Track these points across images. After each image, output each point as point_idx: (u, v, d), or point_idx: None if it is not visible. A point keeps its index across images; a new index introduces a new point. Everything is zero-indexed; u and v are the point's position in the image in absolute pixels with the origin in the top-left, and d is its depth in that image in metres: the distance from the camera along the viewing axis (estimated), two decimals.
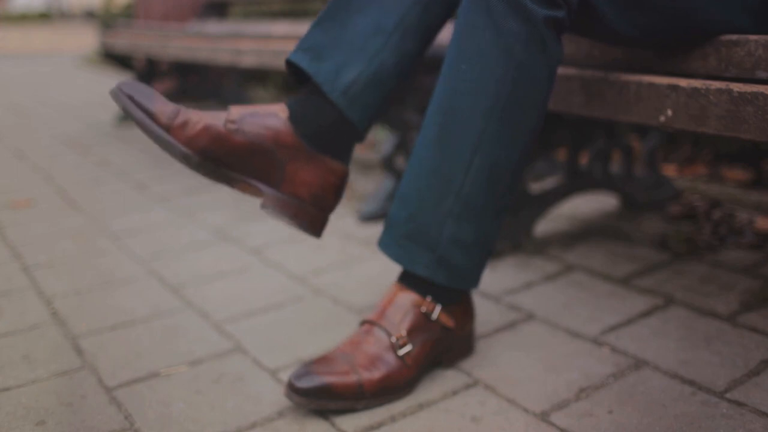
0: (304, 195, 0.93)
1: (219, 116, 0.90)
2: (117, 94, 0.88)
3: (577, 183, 1.48)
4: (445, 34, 1.24)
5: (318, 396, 0.86)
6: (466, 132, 0.88)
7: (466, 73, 0.88)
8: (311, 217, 0.95)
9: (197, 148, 0.88)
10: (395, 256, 0.95)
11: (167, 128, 0.87)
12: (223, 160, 0.89)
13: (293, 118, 0.93)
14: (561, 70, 1.09)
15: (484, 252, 0.95)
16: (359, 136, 0.98)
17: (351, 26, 0.95)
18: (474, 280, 0.96)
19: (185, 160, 0.88)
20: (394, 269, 1.31)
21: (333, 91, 0.92)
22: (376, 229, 1.58)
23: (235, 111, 0.91)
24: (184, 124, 0.88)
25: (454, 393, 0.92)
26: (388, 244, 0.97)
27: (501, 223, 0.95)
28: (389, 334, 0.91)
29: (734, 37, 0.87)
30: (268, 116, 0.91)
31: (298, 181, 0.92)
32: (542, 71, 0.88)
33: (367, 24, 0.95)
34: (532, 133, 0.92)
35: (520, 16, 0.85)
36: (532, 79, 0.88)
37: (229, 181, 0.91)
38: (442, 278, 0.93)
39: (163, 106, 0.88)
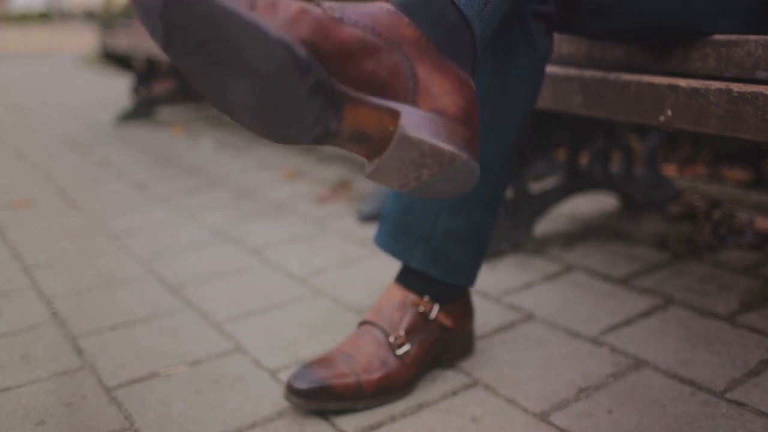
0: (450, 109, 0.64)
1: (304, 2, 0.61)
2: None
3: (577, 183, 1.48)
4: None
5: (317, 396, 0.86)
6: None
7: None
8: (464, 138, 0.65)
9: (299, 36, 0.57)
10: (391, 250, 0.96)
11: (252, 5, 0.57)
12: (331, 63, 0.59)
13: (407, 9, 0.64)
14: (561, 70, 1.09)
15: (479, 246, 0.95)
16: (476, 54, 0.70)
17: None
18: (470, 276, 0.96)
19: (286, 55, 0.55)
20: (394, 269, 1.31)
21: (468, 7, 0.67)
22: (376, 229, 1.58)
23: (326, 3, 0.62)
24: (274, 5, 0.58)
25: (454, 393, 0.92)
26: (383, 239, 0.97)
27: (494, 216, 0.95)
28: (387, 334, 0.91)
29: (734, 37, 0.87)
30: (373, 8, 0.63)
31: (437, 91, 0.63)
32: (530, 65, 0.89)
33: None
34: (521, 129, 0.92)
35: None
36: (520, 73, 0.88)
37: (341, 106, 0.60)
38: (437, 273, 0.93)
39: None
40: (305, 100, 0.57)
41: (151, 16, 0.57)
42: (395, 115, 0.61)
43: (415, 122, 0.61)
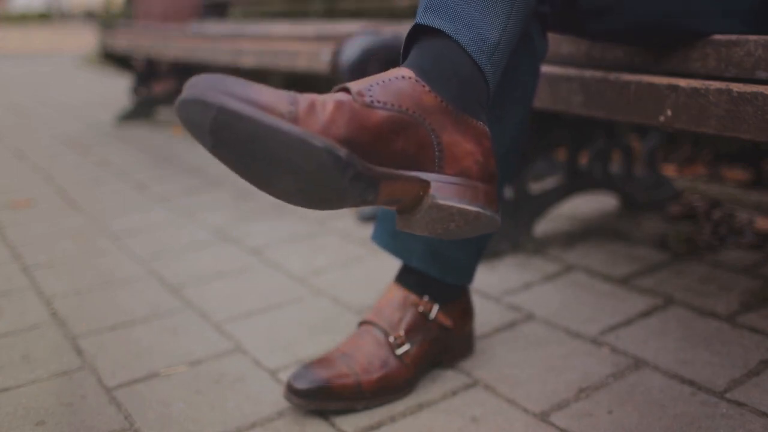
0: (472, 169, 0.70)
1: (337, 94, 0.68)
2: (198, 92, 0.61)
3: (577, 183, 1.48)
4: None
5: (317, 397, 0.86)
6: None
7: None
8: (487, 196, 0.71)
9: (337, 137, 0.63)
10: (390, 249, 0.96)
11: (294, 119, 0.62)
12: (367, 149, 0.65)
13: (424, 76, 0.69)
14: (561, 70, 1.09)
15: (478, 245, 0.95)
16: (488, 95, 0.75)
17: None
18: (469, 274, 0.96)
19: (329, 157, 0.62)
20: (393, 269, 1.31)
21: (480, 54, 0.71)
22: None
23: (355, 85, 0.68)
24: (311, 109, 0.63)
25: (454, 393, 0.92)
26: (383, 237, 0.97)
27: None
28: (387, 334, 0.92)
29: (734, 37, 0.87)
30: (395, 81, 0.68)
31: (460, 154, 0.69)
32: (528, 67, 0.89)
33: None
34: (519, 131, 0.92)
35: None
36: (518, 75, 0.88)
37: (377, 185, 0.66)
38: (436, 271, 0.93)
39: (271, 92, 0.63)
40: (346, 188, 0.64)
41: (200, 130, 0.62)
42: (425, 184, 0.68)
43: (443, 190, 0.68)
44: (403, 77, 0.69)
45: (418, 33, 0.73)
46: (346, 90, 0.68)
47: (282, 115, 0.61)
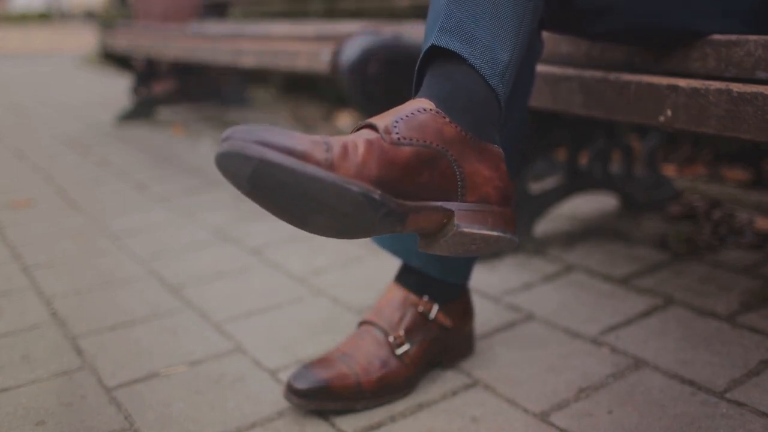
0: (491, 195, 0.74)
1: (364, 132, 0.71)
2: (236, 144, 0.63)
3: (577, 183, 1.48)
4: None
5: (317, 397, 0.86)
6: None
7: None
8: (506, 219, 0.75)
9: (371, 179, 0.66)
10: (389, 248, 0.96)
11: (330, 166, 0.65)
12: (396, 185, 0.68)
13: (442, 105, 0.73)
14: (561, 70, 1.09)
15: None
16: (501, 114, 0.79)
17: None
18: (467, 274, 0.97)
19: (364, 200, 0.66)
20: (393, 269, 1.31)
21: (493, 76, 0.74)
22: None
23: (380, 120, 0.71)
24: (345, 152, 0.66)
25: (454, 393, 0.92)
26: (381, 237, 0.97)
27: None
28: (387, 334, 0.92)
29: (734, 37, 0.87)
30: (417, 113, 0.71)
31: (480, 181, 0.73)
32: (527, 66, 0.89)
33: None
34: (518, 126, 0.92)
35: None
36: (517, 76, 0.88)
37: (405, 218, 0.69)
38: (436, 271, 0.93)
39: (305, 139, 0.66)
40: (377, 224, 0.68)
41: (238, 179, 0.65)
42: (449, 213, 0.71)
43: (466, 218, 0.72)
44: (424, 110, 0.72)
45: (433, 54, 0.76)
46: (372, 126, 0.70)
47: (319, 163, 0.65)
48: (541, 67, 1.12)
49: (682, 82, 0.90)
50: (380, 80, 1.55)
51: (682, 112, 0.90)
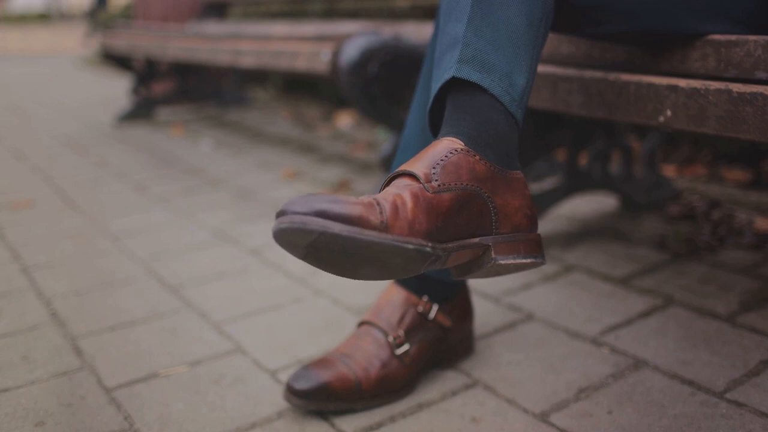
0: (522, 224, 0.78)
1: (405, 183, 0.73)
2: (296, 219, 0.66)
3: (576, 183, 1.48)
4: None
5: (316, 397, 0.86)
6: None
7: None
8: (535, 244, 0.79)
9: (421, 233, 0.70)
10: None
11: (386, 228, 0.69)
12: (442, 234, 0.72)
13: (472, 143, 0.76)
14: (560, 70, 1.09)
15: None
16: (519, 135, 0.82)
17: (503, 21, 0.78)
18: None
19: (418, 255, 0.69)
20: None
21: (512, 103, 0.78)
22: None
23: (418, 167, 0.74)
24: (396, 211, 0.70)
25: (454, 393, 0.92)
26: None
27: None
28: (386, 334, 0.92)
29: (734, 37, 0.87)
30: (449, 155, 0.74)
31: (511, 212, 0.77)
32: None
33: (520, 15, 0.79)
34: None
35: None
36: None
37: (447, 259, 0.73)
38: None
39: (358, 204, 0.69)
40: (423, 269, 0.72)
41: (295, 249, 0.69)
42: (486, 248, 0.75)
43: (502, 250, 0.75)
44: (456, 150, 0.75)
45: (452, 84, 0.78)
46: (412, 175, 0.74)
47: (376, 227, 0.68)
48: (541, 67, 1.12)
49: (682, 83, 0.90)
50: (380, 80, 1.55)
51: (682, 113, 0.90)
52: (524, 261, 0.77)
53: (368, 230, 0.68)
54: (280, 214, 0.68)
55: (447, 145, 0.75)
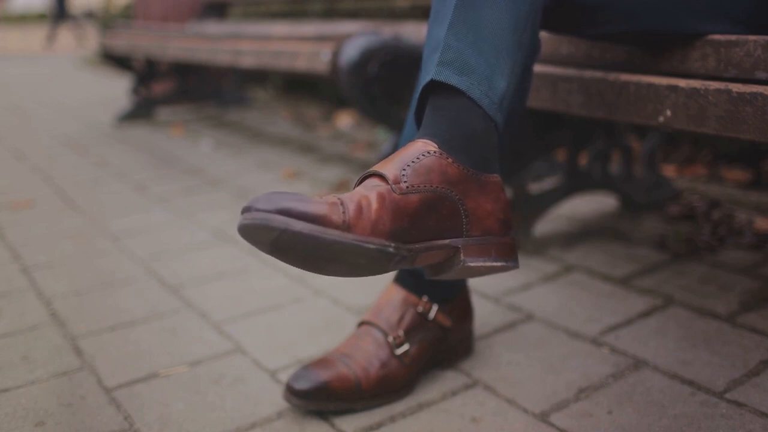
0: (494, 227, 0.78)
1: (374, 183, 0.74)
2: (259, 216, 0.67)
3: (576, 183, 1.48)
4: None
5: (316, 397, 0.86)
6: None
7: None
8: (508, 248, 0.79)
9: (385, 233, 0.71)
10: None
11: (348, 227, 0.70)
12: (409, 235, 0.72)
13: (446, 145, 0.76)
14: (560, 71, 1.09)
15: None
16: (499, 139, 0.82)
17: (485, 24, 0.78)
18: None
19: (380, 254, 0.70)
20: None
21: (491, 106, 0.78)
22: None
23: (388, 168, 0.74)
24: (359, 211, 0.70)
25: (454, 393, 0.92)
26: None
27: None
28: (386, 334, 0.92)
29: (733, 37, 0.87)
30: (421, 157, 0.75)
31: (483, 215, 0.77)
32: (525, 68, 0.89)
33: (502, 18, 0.79)
34: (514, 125, 0.92)
35: None
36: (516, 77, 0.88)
37: (414, 259, 0.74)
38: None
39: (322, 203, 0.70)
40: (390, 268, 0.73)
41: (261, 245, 0.69)
42: (456, 250, 0.75)
43: (472, 253, 0.76)
44: (428, 153, 0.75)
45: (432, 85, 0.78)
46: (380, 176, 0.74)
47: (338, 227, 0.69)
48: (541, 67, 1.12)
49: (682, 83, 0.90)
50: (380, 80, 1.55)
51: (682, 113, 0.90)
52: (494, 264, 0.77)
53: (330, 229, 0.69)
54: (245, 210, 0.69)
55: (420, 147, 0.76)
